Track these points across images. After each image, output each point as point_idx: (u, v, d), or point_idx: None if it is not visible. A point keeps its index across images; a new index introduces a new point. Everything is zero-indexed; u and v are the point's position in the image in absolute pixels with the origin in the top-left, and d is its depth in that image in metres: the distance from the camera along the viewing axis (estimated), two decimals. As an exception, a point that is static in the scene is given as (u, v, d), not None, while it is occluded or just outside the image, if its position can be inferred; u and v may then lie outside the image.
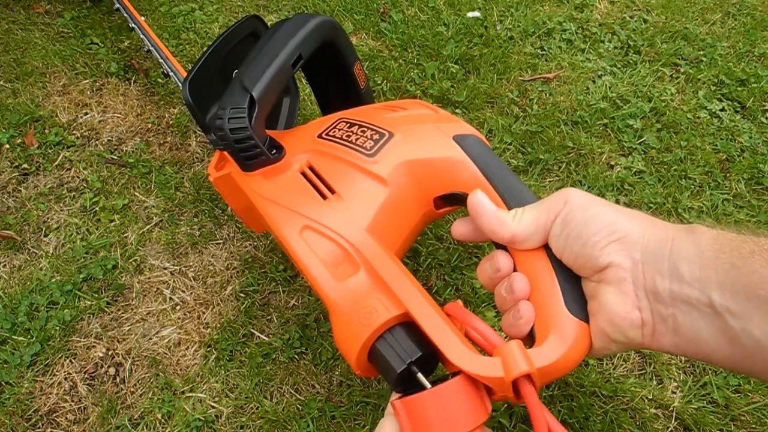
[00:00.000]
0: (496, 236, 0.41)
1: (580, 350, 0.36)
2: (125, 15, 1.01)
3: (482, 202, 0.41)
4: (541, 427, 0.33)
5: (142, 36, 0.97)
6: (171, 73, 0.89)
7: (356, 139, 0.49)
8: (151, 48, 0.94)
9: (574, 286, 0.37)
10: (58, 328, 0.73)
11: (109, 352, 0.72)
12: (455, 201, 0.47)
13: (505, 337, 0.39)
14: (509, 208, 0.42)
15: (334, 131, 0.51)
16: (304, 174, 0.49)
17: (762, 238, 0.31)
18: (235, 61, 0.65)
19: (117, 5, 1.03)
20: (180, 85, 0.84)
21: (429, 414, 0.35)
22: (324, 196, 0.46)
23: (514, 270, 0.40)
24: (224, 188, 0.55)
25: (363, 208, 0.45)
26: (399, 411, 0.36)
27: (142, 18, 1.00)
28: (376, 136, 0.48)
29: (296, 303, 0.76)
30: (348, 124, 0.51)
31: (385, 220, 0.45)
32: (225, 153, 0.54)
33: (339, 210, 0.45)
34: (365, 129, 0.49)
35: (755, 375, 0.32)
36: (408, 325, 0.39)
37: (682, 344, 0.33)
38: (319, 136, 0.51)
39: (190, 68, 0.61)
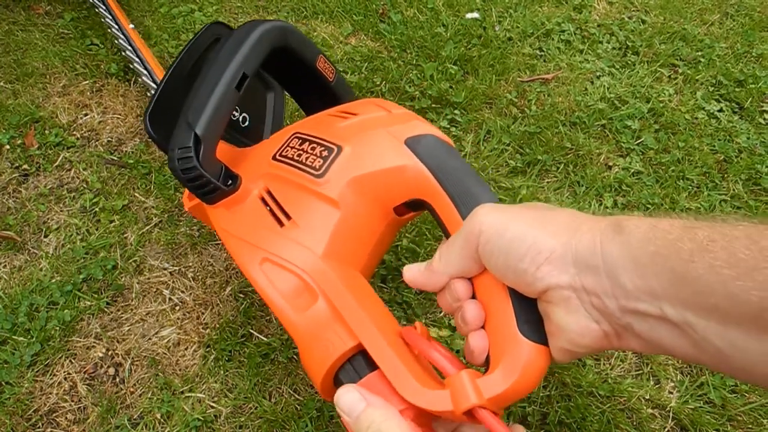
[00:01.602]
0: (436, 289, 0.39)
1: (534, 374, 0.35)
2: (110, 23, 1.01)
3: (409, 274, 0.40)
4: None
5: (127, 47, 0.97)
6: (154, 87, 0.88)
7: (306, 158, 0.48)
8: (135, 59, 0.94)
9: (529, 306, 0.36)
10: (58, 328, 0.73)
11: (109, 353, 0.72)
12: (417, 206, 0.46)
13: (467, 363, 0.39)
14: (462, 216, 0.41)
15: (287, 150, 0.50)
16: (263, 199, 0.49)
17: (698, 230, 0.28)
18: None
19: (103, 12, 1.03)
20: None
21: None
22: (281, 223, 0.46)
23: (473, 296, 0.39)
24: (201, 216, 0.55)
25: (318, 233, 0.44)
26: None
27: (131, 26, 1.00)
28: (325, 153, 0.47)
29: (295, 303, 0.76)
30: (300, 141, 0.50)
31: (343, 241, 0.45)
32: None
33: (295, 239, 0.45)
34: (315, 145, 0.48)
35: (728, 376, 0.31)
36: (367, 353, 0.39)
37: (649, 347, 0.31)
38: (274, 158, 0.50)
39: (150, 97, 0.60)
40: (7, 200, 0.86)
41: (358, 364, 0.39)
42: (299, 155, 0.49)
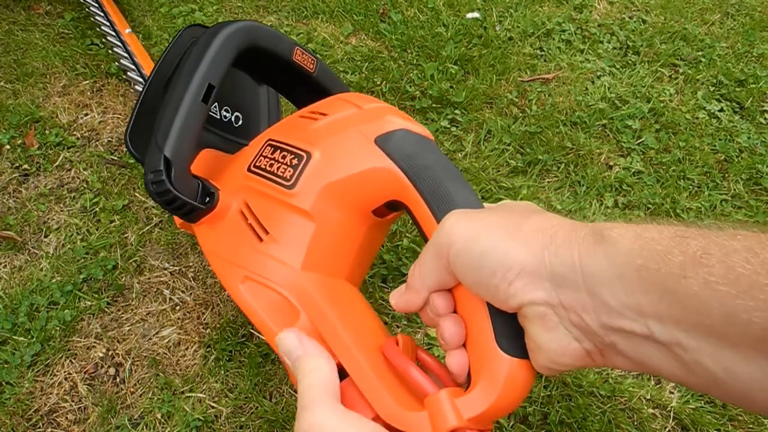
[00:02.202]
0: (418, 307, 0.38)
1: (517, 390, 0.33)
2: (108, 30, 1.01)
3: (393, 300, 0.38)
4: None
5: (122, 52, 0.97)
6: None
7: (277, 168, 0.47)
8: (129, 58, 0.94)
9: (508, 320, 0.34)
10: (58, 328, 0.73)
11: (109, 353, 0.72)
12: (397, 206, 0.44)
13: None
14: (437, 218, 0.39)
15: (260, 160, 0.49)
16: (243, 213, 0.48)
17: (690, 240, 0.25)
18: None
19: (100, 20, 1.03)
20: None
21: None
22: (260, 239, 0.45)
23: (455, 309, 0.37)
24: (192, 232, 0.55)
25: (295, 247, 0.44)
26: None
27: (128, 30, 1.00)
28: (295, 161, 0.46)
29: (295, 303, 0.76)
30: (272, 149, 0.49)
31: (321, 252, 0.44)
32: None
33: (273, 254, 0.44)
34: (285, 153, 0.47)
35: (720, 400, 0.29)
36: None
37: (635, 366, 0.29)
38: (249, 169, 0.49)
39: (129, 115, 0.59)
40: (8, 200, 0.86)
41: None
42: (271, 165, 0.47)
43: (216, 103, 0.68)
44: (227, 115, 0.69)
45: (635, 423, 0.67)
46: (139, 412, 0.67)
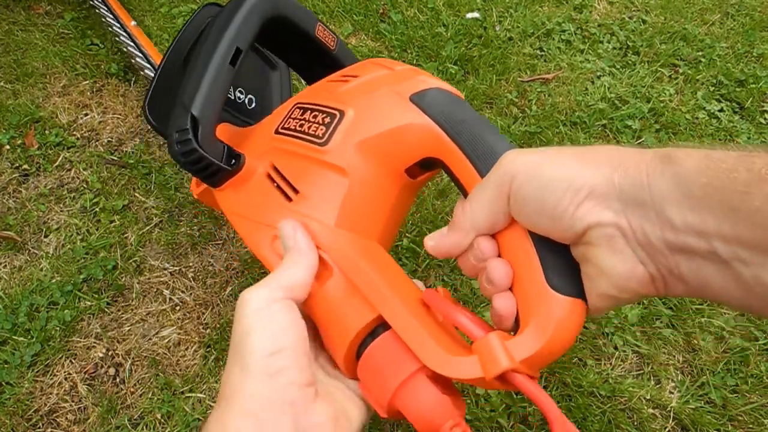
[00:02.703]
0: (463, 248, 0.37)
1: (569, 330, 0.33)
2: (111, 22, 1.01)
3: (432, 242, 0.37)
4: (551, 411, 0.30)
5: (128, 42, 0.96)
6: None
7: (309, 128, 0.46)
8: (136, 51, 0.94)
9: (559, 257, 0.33)
10: (58, 328, 0.73)
11: (109, 353, 0.72)
12: (430, 166, 0.44)
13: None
14: (479, 171, 0.38)
15: (289, 122, 0.48)
16: (270, 176, 0.47)
17: (756, 158, 0.25)
18: None
19: (104, 12, 1.03)
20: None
21: (370, 377, 0.35)
22: (289, 198, 0.44)
23: (498, 255, 0.36)
24: (210, 202, 0.54)
25: (328, 204, 0.42)
26: (362, 390, 0.36)
27: (133, 23, 1.00)
28: (327, 119, 0.45)
29: (295, 303, 0.76)
30: (301, 111, 0.48)
31: (354, 210, 0.43)
32: None
33: (304, 213, 0.43)
34: (316, 113, 0.46)
35: None
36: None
37: (693, 291, 0.29)
38: (276, 132, 0.49)
39: (147, 85, 0.59)
40: (7, 200, 0.86)
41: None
42: (301, 125, 0.46)
43: None
44: (241, 96, 0.69)
45: (635, 423, 0.67)
46: (139, 412, 0.67)
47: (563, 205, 0.30)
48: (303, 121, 0.47)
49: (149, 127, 0.96)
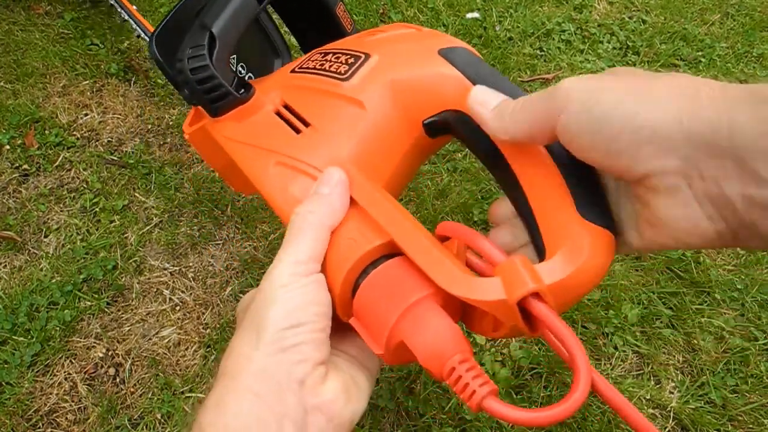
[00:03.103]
0: (494, 132, 0.33)
1: (601, 261, 0.30)
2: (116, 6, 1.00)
3: (481, 94, 0.34)
4: (573, 346, 0.27)
5: (127, 17, 0.96)
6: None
7: (330, 66, 0.45)
8: (140, 32, 0.93)
9: (589, 186, 0.31)
10: (58, 328, 0.73)
11: (109, 353, 0.72)
12: (446, 128, 0.42)
13: None
14: None
15: (308, 63, 0.47)
16: (278, 113, 0.45)
17: None
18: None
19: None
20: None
21: (370, 305, 0.32)
22: (298, 131, 0.42)
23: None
24: (201, 145, 0.52)
25: (340, 137, 0.41)
26: (354, 326, 0.33)
27: (134, 7, 1.00)
28: (351, 60, 0.44)
29: (295, 303, 0.76)
30: (322, 54, 0.47)
31: (367, 148, 0.41)
32: (199, 108, 0.51)
33: (313, 142, 0.41)
34: (339, 55, 0.45)
35: None
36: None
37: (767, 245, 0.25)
38: (292, 71, 0.48)
39: (159, 21, 0.58)
40: (7, 200, 0.86)
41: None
42: (322, 65, 0.45)
43: (234, 55, 0.68)
44: (242, 71, 0.69)
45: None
46: (138, 413, 0.67)
47: (619, 144, 0.26)
48: (324, 62, 0.46)
49: (150, 127, 0.96)
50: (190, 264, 0.80)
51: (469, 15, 1.17)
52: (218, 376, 0.31)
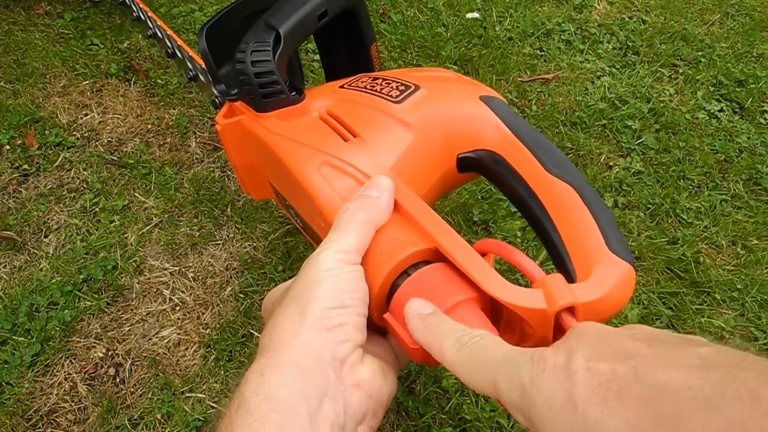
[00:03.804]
0: None
1: (626, 289, 0.34)
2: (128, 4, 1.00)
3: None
4: None
5: (144, 18, 0.95)
6: (176, 51, 0.86)
7: (381, 89, 0.48)
8: (157, 32, 0.93)
9: (616, 227, 0.36)
10: (58, 328, 0.73)
11: (109, 353, 0.72)
12: (477, 166, 0.46)
13: None
14: (545, 167, 0.41)
15: (357, 83, 0.50)
16: (324, 119, 0.47)
17: None
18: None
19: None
20: (186, 61, 0.81)
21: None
22: (345, 139, 0.44)
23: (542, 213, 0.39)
24: (230, 139, 0.53)
25: (387, 150, 0.43)
26: (389, 321, 0.34)
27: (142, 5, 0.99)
28: (402, 87, 0.47)
29: (295, 303, 0.76)
30: (371, 78, 0.50)
31: (409, 165, 0.44)
32: (234, 105, 0.53)
33: (362, 149, 0.43)
34: (390, 82, 0.48)
35: None
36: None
37: None
38: (341, 87, 0.50)
39: (214, 14, 0.59)
40: (7, 200, 0.86)
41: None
42: (373, 86, 0.48)
43: None
44: None
45: (635, 423, 0.67)
46: (138, 413, 0.67)
47: None
48: (375, 84, 0.49)
49: (150, 127, 0.96)
50: (190, 264, 0.80)
51: (469, 15, 1.17)
52: (259, 351, 0.31)
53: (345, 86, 0.50)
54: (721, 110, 1.03)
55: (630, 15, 1.21)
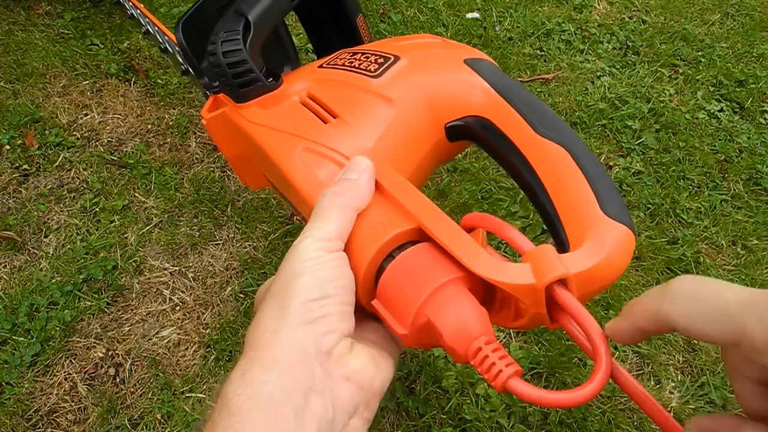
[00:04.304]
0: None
1: (623, 255, 0.32)
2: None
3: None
4: (594, 333, 0.27)
5: (137, 16, 0.95)
6: (167, 46, 0.86)
7: (359, 64, 0.46)
8: (149, 28, 0.93)
9: (611, 186, 0.33)
10: (58, 328, 0.73)
11: (109, 353, 0.72)
12: (467, 133, 0.44)
13: None
14: (536, 129, 0.38)
15: (336, 60, 0.48)
16: (304, 104, 0.46)
17: None
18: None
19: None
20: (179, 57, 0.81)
21: (397, 286, 0.32)
22: (325, 121, 0.43)
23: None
24: (218, 132, 0.52)
25: (368, 129, 0.41)
26: (377, 307, 0.33)
27: (141, 4, 0.99)
28: (381, 60, 0.45)
29: (295, 303, 0.76)
30: (351, 53, 0.48)
31: (393, 142, 0.42)
32: (218, 97, 0.52)
33: (342, 131, 0.42)
34: (369, 55, 0.46)
35: None
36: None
37: None
38: (320, 67, 0.49)
39: (189, 7, 0.58)
40: (7, 200, 0.86)
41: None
42: (351, 62, 0.46)
43: None
44: None
45: (635, 423, 0.67)
46: (138, 413, 0.67)
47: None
48: (353, 60, 0.47)
49: (150, 127, 0.96)
50: (190, 264, 0.80)
51: (469, 15, 1.17)
52: (244, 350, 0.31)
53: (324, 65, 0.48)
54: (721, 110, 1.03)
55: (630, 15, 1.21)
